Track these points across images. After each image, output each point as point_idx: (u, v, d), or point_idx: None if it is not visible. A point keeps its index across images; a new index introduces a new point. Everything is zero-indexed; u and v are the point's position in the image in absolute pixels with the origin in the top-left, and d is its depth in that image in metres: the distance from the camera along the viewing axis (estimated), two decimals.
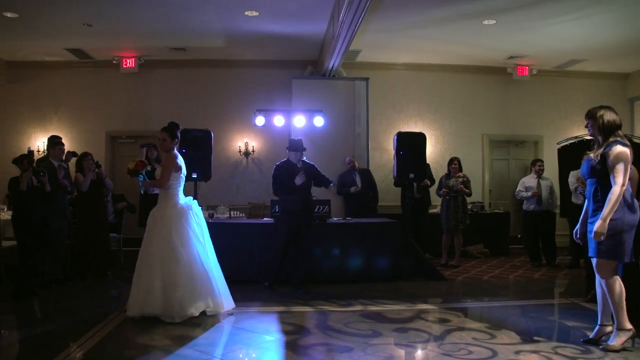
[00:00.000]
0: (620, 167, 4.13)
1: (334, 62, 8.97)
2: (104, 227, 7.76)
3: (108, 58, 10.30)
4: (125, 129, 10.77)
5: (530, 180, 9.04)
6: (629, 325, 4.27)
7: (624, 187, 4.12)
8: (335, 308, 5.71)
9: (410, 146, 7.85)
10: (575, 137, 9.23)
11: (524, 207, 9.09)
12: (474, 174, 10.82)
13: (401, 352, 4.31)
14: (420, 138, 7.98)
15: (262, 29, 8.81)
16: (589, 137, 7.88)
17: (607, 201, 4.12)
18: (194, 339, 4.61)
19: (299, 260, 6.73)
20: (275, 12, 8.09)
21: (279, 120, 9.28)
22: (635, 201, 4.31)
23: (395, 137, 7.95)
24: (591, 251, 4.31)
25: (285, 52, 10.20)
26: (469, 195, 8.82)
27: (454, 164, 8.80)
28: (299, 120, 9.24)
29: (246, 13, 8.08)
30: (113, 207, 8.55)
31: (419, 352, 4.35)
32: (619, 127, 4.30)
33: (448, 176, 8.84)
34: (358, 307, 5.74)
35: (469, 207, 9.76)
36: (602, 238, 4.12)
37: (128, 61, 10.25)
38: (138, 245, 5.39)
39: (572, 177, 8.74)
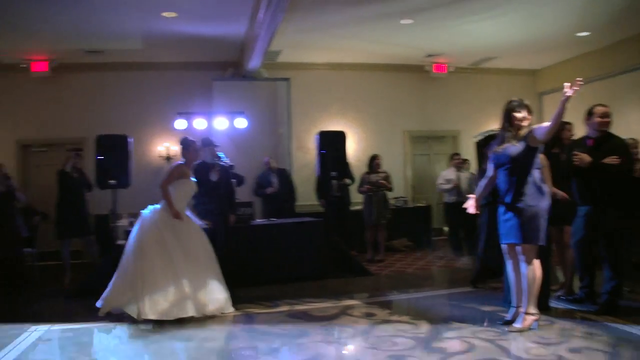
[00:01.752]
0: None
1: (254, 63, 8.93)
2: (15, 242, 7.36)
3: (17, 61, 9.78)
4: (38, 136, 10.24)
5: (450, 173, 9.31)
6: (535, 310, 4.55)
7: None
8: (261, 310, 5.67)
9: (332, 145, 7.94)
10: (490, 131, 9.59)
11: (445, 199, 9.37)
12: (396, 169, 11.06)
13: (327, 349, 4.34)
14: (341, 136, 8.08)
15: (180, 30, 8.63)
16: None
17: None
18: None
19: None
20: (193, 13, 7.95)
21: (200, 124, 9.12)
22: (546, 187, 4.55)
23: (317, 137, 8.00)
24: (513, 238, 4.51)
25: (206, 54, 10.05)
26: (391, 190, 8.99)
27: (377, 160, 8.96)
28: (221, 123, 9.12)
29: (163, 14, 7.89)
30: (27, 220, 8.11)
31: (345, 348, 4.39)
32: None
33: (369, 173, 8.99)
34: (284, 308, 5.73)
35: (392, 202, 9.96)
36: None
37: (39, 64, 9.76)
38: (55, 259, 5.16)
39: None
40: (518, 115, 4.54)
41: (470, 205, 4.71)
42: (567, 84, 4.04)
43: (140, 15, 7.90)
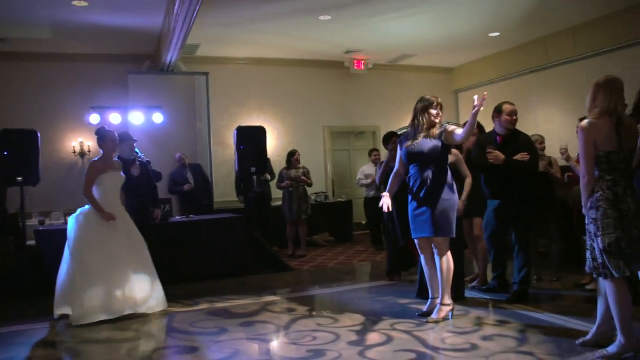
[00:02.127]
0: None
1: (171, 56, 8.70)
2: None
3: None
4: None
5: (369, 168, 9.47)
6: (450, 301, 4.71)
7: None
8: (180, 309, 5.54)
9: (251, 140, 7.85)
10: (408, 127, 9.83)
11: (365, 194, 9.51)
12: (317, 165, 11.14)
13: (247, 345, 4.29)
14: (260, 132, 8.02)
15: (93, 21, 8.25)
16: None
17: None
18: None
19: None
20: (106, 3, 7.61)
21: (114, 118, 8.82)
22: (453, 182, 4.72)
23: (236, 132, 7.91)
24: (426, 232, 4.63)
25: (120, 46, 9.67)
26: (310, 185, 9.04)
27: (296, 156, 8.97)
28: (136, 117, 8.85)
29: (74, 3, 7.50)
30: None
31: (265, 344, 4.37)
32: None
33: (288, 168, 8.98)
34: (204, 306, 5.63)
35: (313, 197, 10.03)
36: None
37: None
38: None
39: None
40: (433, 112, 4.65)
41: (386, 204, 4.75)
42: (475, 97, 4.19)
43: (48, 2, 7.50)
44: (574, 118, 7.19)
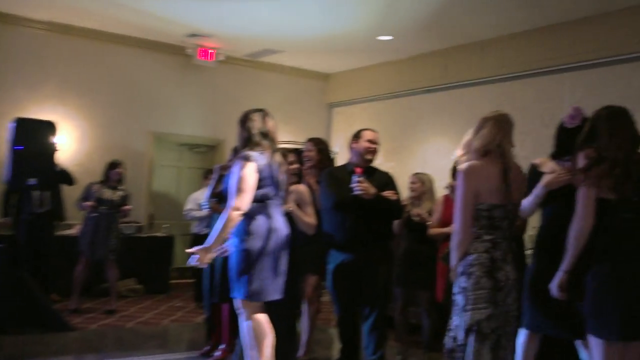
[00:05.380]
0: None
1: None
2: None
3: None
4: None
5: (203, 195, 9.24)
6: None
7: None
8: None
9: (35, 139, 7.49)
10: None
11: (194, 229, 9.31)
12: (133, 183, 10.77)
13: None
14: (48, 129, 7.68)
15: None
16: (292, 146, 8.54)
17: None
18: None
19: None
20: None
21: None
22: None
23: (12, 125, 7.49)
24: (235, 292, 4.59)
25: None
26: (126, 214, 8.78)
27: (119, 169, 8.64)
28: None
29: None
30: None
31: None
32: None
33: (104, 185, 8.58)
34: None
35: (120, 228, 9.68)
36: None
37: None
38: None
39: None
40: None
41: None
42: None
43: None
44: None
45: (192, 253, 4.39)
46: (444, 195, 6.24)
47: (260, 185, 4.53)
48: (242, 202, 4.37)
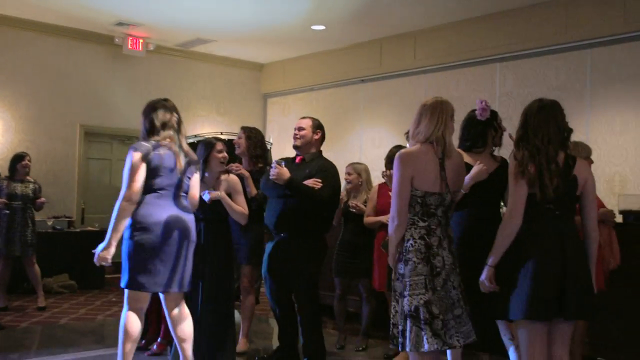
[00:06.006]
0: None
1: None
2: None
3: None
4: None
5: None
6: None
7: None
8: None
9: None
10: (195, 136, 9.75)
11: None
12: (62, 178, 10.58)
13: None
14: None
15: None
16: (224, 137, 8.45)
17: None
18: None
19: None
20: None
21: None
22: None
23: None
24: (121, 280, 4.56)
25: None
26: (38, 209, 8.52)
27: (25, 162, 8.35)
28: None
29: None
30: None
31: None
32: None
33: (12, 179, 8.31)
34: None
35: (51, 223, 9.49)
36: None
37: None
38: None
39: None
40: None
41: None
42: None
43: None
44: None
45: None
46: (378, 184, 6.30)
47: (152, 175, 4.45)
48: (130, 192, 4.30)
